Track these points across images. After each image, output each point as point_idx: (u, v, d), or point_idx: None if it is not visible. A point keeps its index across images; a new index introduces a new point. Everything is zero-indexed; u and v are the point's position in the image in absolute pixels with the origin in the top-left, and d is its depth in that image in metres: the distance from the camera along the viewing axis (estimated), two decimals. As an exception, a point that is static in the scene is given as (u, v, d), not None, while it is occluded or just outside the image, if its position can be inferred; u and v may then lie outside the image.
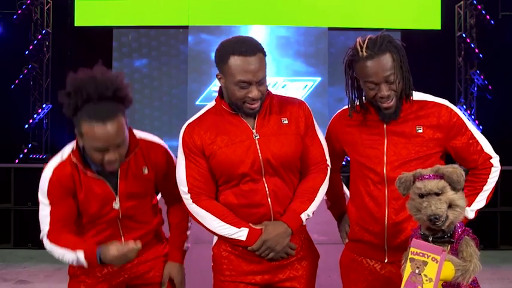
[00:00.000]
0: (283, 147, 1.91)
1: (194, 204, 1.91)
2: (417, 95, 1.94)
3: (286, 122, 1.95)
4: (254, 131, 1.91)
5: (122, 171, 1.91)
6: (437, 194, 1.57)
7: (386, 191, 1.91)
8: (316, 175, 1.99)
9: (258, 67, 1.83)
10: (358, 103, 1.98)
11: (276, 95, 2.02)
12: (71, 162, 1.89)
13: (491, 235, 5.25)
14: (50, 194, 1.89)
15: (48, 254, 1.91)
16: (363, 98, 1.97)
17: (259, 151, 1.88)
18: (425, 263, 1.50)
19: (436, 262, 1.49)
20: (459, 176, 1.58)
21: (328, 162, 2.02)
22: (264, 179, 1.89)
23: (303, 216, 1.91)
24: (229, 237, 1.88)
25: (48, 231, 1.89)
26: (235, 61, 1.82)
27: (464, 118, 1.93)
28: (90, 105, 1.76)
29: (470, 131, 1.92)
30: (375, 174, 1.92)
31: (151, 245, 2.08)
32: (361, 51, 1.84)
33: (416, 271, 1.51)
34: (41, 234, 1.92)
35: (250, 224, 1.89)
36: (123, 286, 2.06)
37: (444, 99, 1.96)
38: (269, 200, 1.89)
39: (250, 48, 1.84)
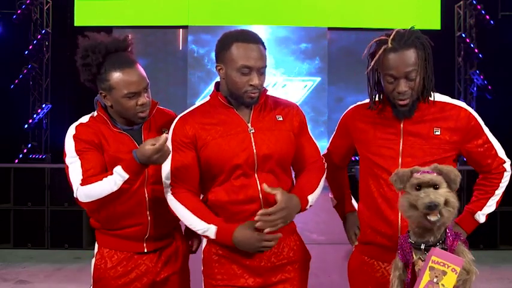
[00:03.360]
0: (278, 143, 1.89)
1: (172, 196, 1.87)
2: (436, 96, 1.89)
3: (281, 119, 1.94)
4: (249, 124, 1.89)
5: (145, 128, 2.00)
6: (434, 187, 1.52)
7: (400, 193, 1.80)
8: (314, 171, 1.96)
9: (260, 55, 1.84)
10: (376, 98, 1.92)
11: (271, 95, 2.01)
12: (94, 121, 1.97)
13: (491, 235, 5.24)
14: (77, 149, 1.92)
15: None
16: (381, 94, 1.91)
17: (253, 145, 1.86)
18: (444, 273, 1.48)
19: (456, 273, 1.47)
20: (456, 176, 1.55)
21: (325, 161, 2.00)
22: (256, 175, 1.86)
23: (310, 198, 1.88)
24: (201, 234, 1.83)
25: (82, 180, 1.85)
26: (238, 47, 1.83)
27: (481, 121, 1.88)
28: (111, 56, 1.90)
29: (485, 134, 1.88)
30: (389, 175, 1.80)
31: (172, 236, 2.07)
32: (387, 42, 1.79)
33: (435, 280, 1.48)
34: (74, 193, 1.86)
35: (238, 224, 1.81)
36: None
37: (462, 102, 1.92)
38: (261, 196, 1.84)
39: (253, 38, 1.86)
